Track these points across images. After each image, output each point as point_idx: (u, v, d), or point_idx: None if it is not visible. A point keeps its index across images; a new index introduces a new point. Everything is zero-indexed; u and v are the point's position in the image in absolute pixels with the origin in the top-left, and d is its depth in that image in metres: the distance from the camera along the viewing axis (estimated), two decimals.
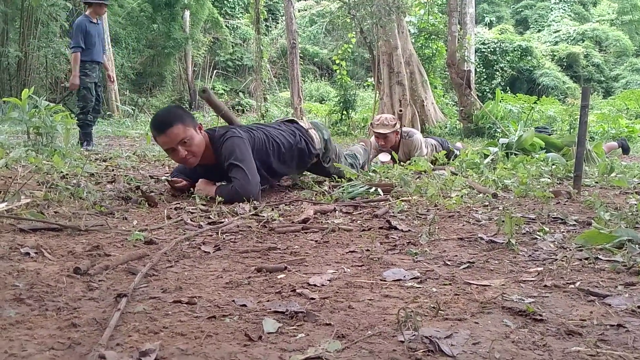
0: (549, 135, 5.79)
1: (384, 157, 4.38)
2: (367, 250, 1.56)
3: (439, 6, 13.24)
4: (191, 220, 1.96)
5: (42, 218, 1.81)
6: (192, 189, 2.55)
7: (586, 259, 1.50)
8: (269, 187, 2.85)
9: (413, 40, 11.88)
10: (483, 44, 20.06)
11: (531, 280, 1.31)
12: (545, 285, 1.27)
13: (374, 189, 2.67)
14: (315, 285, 1.23)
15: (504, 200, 2.58)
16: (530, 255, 1.56)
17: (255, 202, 2.36)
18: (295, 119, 3.08)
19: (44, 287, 1.13)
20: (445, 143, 4.94)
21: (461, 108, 10.26)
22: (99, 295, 1.11)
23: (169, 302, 1.08)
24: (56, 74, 13.75)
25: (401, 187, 2.76)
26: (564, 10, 24.40)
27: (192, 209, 2.23)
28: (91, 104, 5.67)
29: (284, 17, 16.63)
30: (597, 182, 3.32)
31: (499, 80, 19.57)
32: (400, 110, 5.93)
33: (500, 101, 10.77)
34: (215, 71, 18.90)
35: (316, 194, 2.66)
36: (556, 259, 1.50)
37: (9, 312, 0.98)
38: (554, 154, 4.38)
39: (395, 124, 4.50)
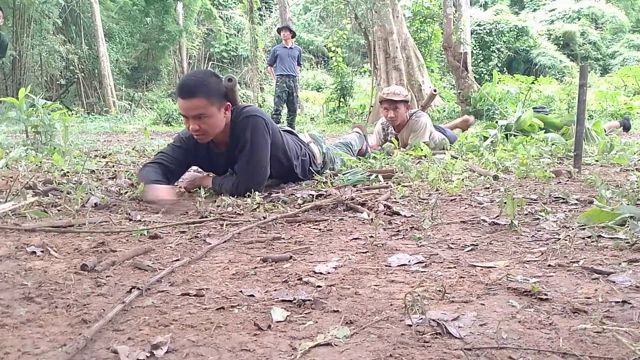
0: (547, 114, 5.77)
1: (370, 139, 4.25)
2: (371, 236, 1.57)
3: None
4: (196, 210, 1.97)
5: (46, 217, 1.81)
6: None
7: (589, 237, 1.51)
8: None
9: (408, 24, 11.80)
10: (479, 25, 19.91)
11: (535, 261, 1.32)
12: (550, 265, 1.28)
13: (374, 175, 2.68)
14: (321, 273, 1.24)
15: (505, 181, 2.59)
16: (533, 236, 1.57)
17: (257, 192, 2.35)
18: (294, 131, 2.92)
19: (52, 285, 1.14)
20: (453, 136, 4.64)
21: (459, 91, 10.23)
22: (107, 290, 1.12)
23: (177, 295, 1.09)
24: (51, 71, 13.69)
25: (402, 173, 2.76)
26: None
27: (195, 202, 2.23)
28: (281, 108, 8.13)
29: (277, 6, 16.49)
30: (597, 161, 3.32)
31: (496, 61, 19.46)
32: (435, 90, 5.60)
33: (498, 82, 10.73)
34: (210, 63, 18.81)
35: (317, 183, 2.66)
36: (559, 239, 1.51)
37: (19, 311, 0.99)
38: (553, 134, 4.37)
39: (407, 95, 4.23)
